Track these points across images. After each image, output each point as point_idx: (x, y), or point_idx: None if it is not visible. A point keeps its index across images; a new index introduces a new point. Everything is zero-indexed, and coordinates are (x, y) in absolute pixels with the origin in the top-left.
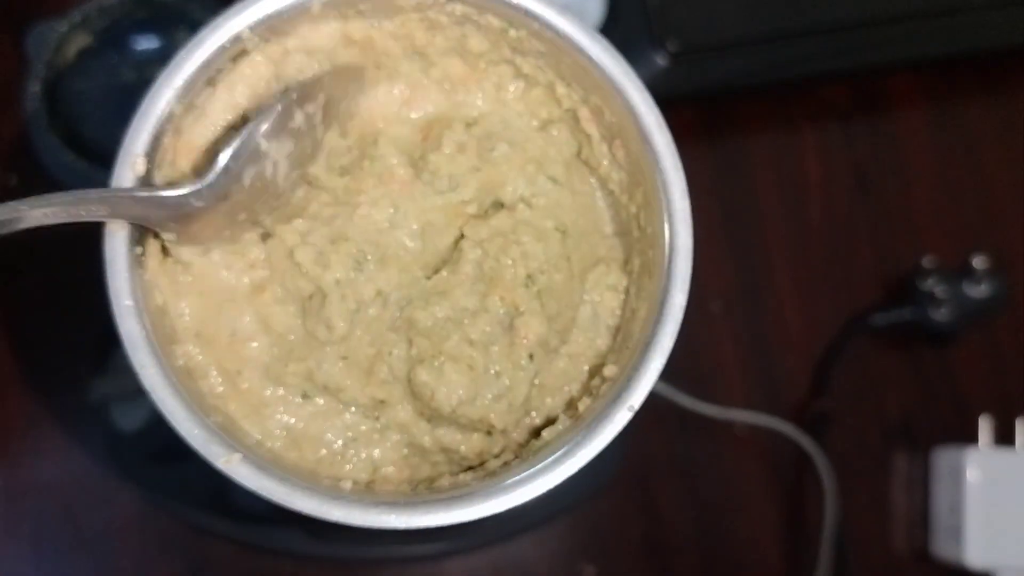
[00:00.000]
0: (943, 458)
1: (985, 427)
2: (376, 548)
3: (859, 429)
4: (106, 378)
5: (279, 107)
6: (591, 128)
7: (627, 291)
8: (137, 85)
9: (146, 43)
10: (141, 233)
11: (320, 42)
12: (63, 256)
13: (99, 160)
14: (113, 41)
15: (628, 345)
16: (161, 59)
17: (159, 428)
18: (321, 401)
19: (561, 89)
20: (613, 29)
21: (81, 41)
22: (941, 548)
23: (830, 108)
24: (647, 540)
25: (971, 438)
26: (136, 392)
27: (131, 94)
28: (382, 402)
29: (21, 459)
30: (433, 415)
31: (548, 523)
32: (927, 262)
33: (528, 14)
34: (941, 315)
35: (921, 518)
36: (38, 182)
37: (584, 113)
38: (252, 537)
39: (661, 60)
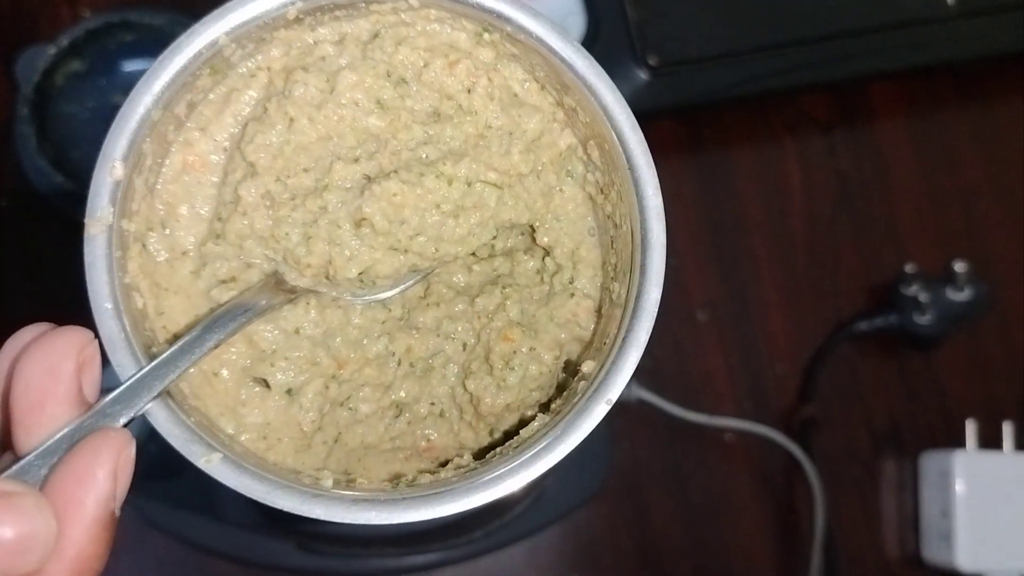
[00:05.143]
0: (931, 462)
1: (971, 431)
2: (368, 560)
3: (847, 435)
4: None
5: None
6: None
7: (604, 288)
8: None
9: (134, 66)
10: (122, 237)
11: None
12: (54, 272)
13: (88, 182)
14: (101, 64)
15: (605, 341)
16: None
17: (150, 445)
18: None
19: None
20: (594, 45)
21: (70, 65)
22: (932, 552)
23: (810, 118)
24: (639, 549)
25: (958, 442)
26: None
27: None
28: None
29: None
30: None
31: (539, 533)
32: (910, 268)
33: (501, 17)
34: (925, 320)
35: (911, 522)
36: (28, 204)
37: (559, 115)
38: (245, 552)
39: (643, 74)
